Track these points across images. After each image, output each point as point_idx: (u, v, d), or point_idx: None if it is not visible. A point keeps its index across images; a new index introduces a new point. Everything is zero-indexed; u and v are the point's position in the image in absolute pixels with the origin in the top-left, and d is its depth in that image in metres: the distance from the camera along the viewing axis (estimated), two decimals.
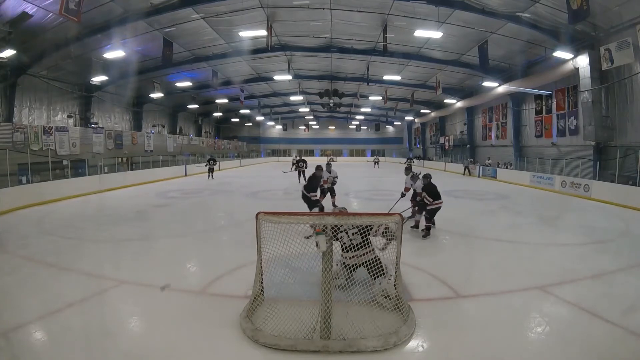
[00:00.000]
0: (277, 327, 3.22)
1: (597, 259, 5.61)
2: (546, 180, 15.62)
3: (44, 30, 12.75)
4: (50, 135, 14.73)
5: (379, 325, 3.27)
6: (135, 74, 18.13)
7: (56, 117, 18.31)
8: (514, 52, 16.76)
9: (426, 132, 38.43)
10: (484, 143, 25.56)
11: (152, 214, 9.74)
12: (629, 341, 3.21)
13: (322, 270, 3.18)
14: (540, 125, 18.69)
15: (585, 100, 13.78)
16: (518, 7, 12.40)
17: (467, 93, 24.65)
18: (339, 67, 22.56)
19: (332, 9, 14.01)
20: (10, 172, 11.32)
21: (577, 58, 13.76)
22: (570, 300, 4.05)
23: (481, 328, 3.45)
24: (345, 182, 17.62)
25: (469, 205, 11.44)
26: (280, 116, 42.38)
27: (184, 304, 3.96)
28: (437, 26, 13.23)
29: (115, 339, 3.24)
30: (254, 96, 30.18)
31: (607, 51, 11.70)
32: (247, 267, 4.87)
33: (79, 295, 4.10)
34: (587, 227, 8.19)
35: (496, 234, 7.35)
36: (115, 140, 19.37)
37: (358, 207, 10.97)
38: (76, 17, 9.65)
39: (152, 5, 12.51)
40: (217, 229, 8.29)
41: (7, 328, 3.36)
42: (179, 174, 21.72)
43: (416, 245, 6.18)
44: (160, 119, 28.90)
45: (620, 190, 11.53)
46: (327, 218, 3.30)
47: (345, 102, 32.27)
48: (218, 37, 16.55)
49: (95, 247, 6.35)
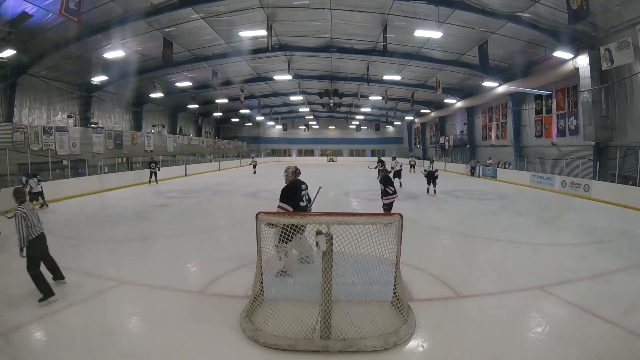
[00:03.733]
0: (277, 327, 3.22)
1: (597, 259, 5.61)
2: (546, 180, 15.63)
3: (44, 30, 12.76)
4: (50, 135, 14.74)
5: (379, 325, 3.27)
6: (135, 74, 18.16)
7: (56, 117, 18.32)
8: (514, 52, 16.76)
9: (426, 132, 38.43)
10: (484, 143, 25.56)
11: (152, 214, 9.74)
12: (629, 341, 3.21)
13: (322, 270, 3.18)
14: (540, 125, 18.69)
15: (585, 100, 13.78)
16: (518, 7, 12.40)
17: (467, 93, 24.65)
18: (339, 67, 22.56)
19: (332, 9, 14.01)
20: (10, 172, 11.33)
21: (577, 58, 13.75)
22: (570, 300, 4.05)
23: (481, 328, 3.45)
24: (346, 182, 17.66)
25: (469, 205, 11.44)
26: (280, 116, 42.38)
27: (184, 304, 3.95)
28: (437, 26, 13.23)
29: (115, 339, 3.24)
30: (254, 96, 30.19)
31: (607, 51, 11.70)
32: (247, 267, 4.88)
33: (79, 295, 4.11)
34: (587, 227, 8.20)
35: (496, 234, 7.34)
36: (115, 140, 19.37)
37: (358, 207, 10.97)
38: (76, 17, 9.65)
39: (152, 5, 12.51)
40: (217, 229, 8.29)
41: (7, 328, 3.36)
42: (179, 173, 21.75)
43: (416, 245, 6.17)
44: (160, 119, 28.91)
45: (620, 190, 11.54)
46: (326, 218, 3.30)
47: (345, 102, 32.27)
48: (218, 37, 16.56)
49: (95, 247, 6.35)
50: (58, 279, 4.39)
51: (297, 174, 4.84)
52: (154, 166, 17.22)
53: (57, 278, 4.38)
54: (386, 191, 7.40)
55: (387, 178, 7.62)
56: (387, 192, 7.39)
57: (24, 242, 3.95)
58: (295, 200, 4.58)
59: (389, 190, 7.38)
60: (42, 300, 3.86)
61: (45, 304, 3.84)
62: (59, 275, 4.40)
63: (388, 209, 7.36)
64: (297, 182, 4.79)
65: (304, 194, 4.75)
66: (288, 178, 4.79)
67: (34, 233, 4.04)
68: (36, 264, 4.03)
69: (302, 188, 4.75)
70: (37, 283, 3.92)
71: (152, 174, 17.19)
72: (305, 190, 4.82)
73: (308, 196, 4.87)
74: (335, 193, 13.57)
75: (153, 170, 17.17)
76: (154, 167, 17.20)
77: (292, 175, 4.81)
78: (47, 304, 3.85)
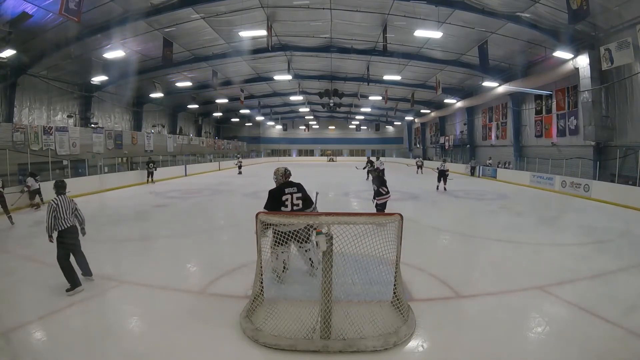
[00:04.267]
0: (277, 327, 3.22)
1: (597, 259, 5.60)
2: (546, 180, 15.63)
3: (44, 30, 12.75)
4: (50, 135, 14.73)
5: (379, 325, 3.27)
6: (135, 74, 18.15)
7: (56, 117, 18.31)
8: (514, 52, 16.75)
9: (426, 132, 38.42)
10: (484, 143, 25.56)
11: (152, 214, 9.74)
12: (629, 341, 3.21)
13: (322, 270, 3.18)
14: (540, 125, 18.69)
15: (585, 100, 13.78)
16: (518, 7, 12.40)
17: (467, 93, 24.64)
18: (339, 67, 22.55)
19: (332, 9, 14.01)
20: (10, 172, 11.33)
21: (577, 58, 13.75)
22: (570, 300, 4.05)
23: (481, 328, 3.45)
24: (346, 182, 17.65)
25: (469, 205, 11.44)
26: (280, 116, 42.37)
27: (184, 304, 3.95)
28: (437, 26, 13.23)
29: (115, 339, 3.24)
30: (254, 96, 30.18)
31: (607, 51, 11.70)
32: (247, 267, 4.87)
33: (79, 295, 4.11)
34: (587, 227, 8.20)
35: (496, 234, 7.34)
36: (115, 140, 19.37)
37: (358, 207, 10.97)
38: (76, 17, 9.65)
39: (152, 5, 12.51)
40: (217, 229, 8.29)
41: (7, 328, 3.36)
42: (179, 173, 21.75)
43: (416, 245, 6.17)
44: (160, 119, 28.90)
45: (620, 190, 11.54)
46: (326, 218, 3.30)
47: (345, 102, 32.26)
48: (218, 37, 16.55)
49: (95, 247, 6.33)
50: (86, 275, 4.55)
51: (286, 176, 4.48)
52: (151, 166, 17.50)
53: (86, 274, 4.55)
54: (379, 191, 7.42)
55: (380, 178, 7.65)
56: (380, 192, 7.42)
57: (50, 231, 4.25)
58: (274, 204, 4.21)
59: (382, 191, 7.41)
60: (69, 290, 4.10)
61: (72, 293, 4.08)
62: (87, 271, 4.56)
63: (381, 209, 7.36)
64: (282, 184, 4.40)
65: (288, 198, 4.28)
66: (278, 180, 4.48)
67: (63, 225, 4.27)
68: (65, 254, 4.25)
69: (284, 192, 4.30)
70: (64, 273, 4.17)
71: (150, 173, 17.47)
72: (293, 193, 4.33)
73: (299, 199, 4.35)
74: (335, 193, 13.58)
75: (150, 170, 17.45)
76: (151, 166, 17.49)
77: (281, 178, 4.46)
78: (74, 294, 4.08)
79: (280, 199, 4.26)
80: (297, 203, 4.32)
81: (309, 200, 4.47)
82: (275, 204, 4.23)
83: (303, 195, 4.41)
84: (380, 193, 7.41)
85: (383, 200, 7.42)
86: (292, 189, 4.37)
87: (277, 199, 4.26)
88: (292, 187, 4.39)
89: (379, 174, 7.83)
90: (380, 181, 7.54)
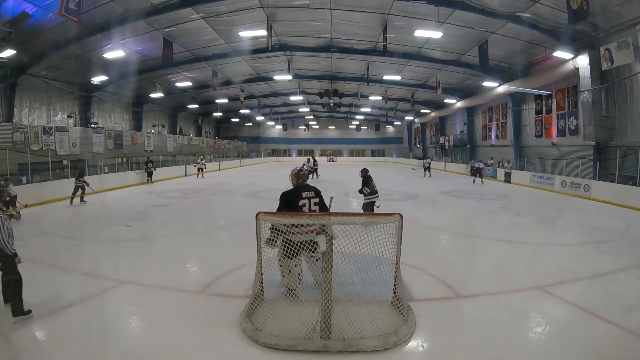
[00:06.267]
0: (277, 327, 3.22)
1: (597, 259, 5.61)
2: (546, 180, 15.63)
3: (44, 30, 12.75)
4: (50, 135, 14.73)
5: (379, 325, 3.27)
6: (135, 74, 18.14)
7: (56, 117, 18.31)
8: (514, 52, 16.76)
9: (426, 132, 38.41)
10: (484, 143, 25.56)
11: (152, 214, 9.74)
12: (629, 341, 3.21)
13: (322, 270, 3.18)
14: (541, 125, 18.68)
15: (585, 100, 13.77)
16: (518, 7, 12.39)
17: (467, 93, 24.64)
18: (339, 67, 22.54)
19: (332, 9, 14.00)
20: (10, 172, 11.32)
21: (577, 58, 13.75)
22: (570, 300, 4.05)
23: (481, 328, 3.45)
24: (345, 182, 17.63)
25: (469, 205, 11.44)
26: (280, 116, 42.36)
27: (184, 304, 3.96)
28: (437, 26, 13.23)
29: (115, 339, 3.24)
30: (254, 96, 30.17)
31: (607, 51, 11.70)
32: (247, 267, 4.87)
33: (79, 295, 4.10)
34: (587, 227, 8.19)
35: (496, 234, 7.35)
36: (115, 140, 19.37)
37: (358, 207, 10.95)
38: (76, 17, 9.64)
39: (152, 5, 12.51)
40: (217, 229, 8.29)
41: (7, 328, 3.36)
42: (178, 173, 21.74)
43: (416, 245, 6.17)
44: (160, 119, 28.90)
45: (620, 190, 11.54)
46: (326, 218, 3.30)
47: (345, 102, 32.24)
48: (218, 37, 16.55)
49: (95, 247, 6.35)
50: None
51: (300, 177, 4.05)
52: (150, 166, 17.67)
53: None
54: (362, 191, 7.54)
55: (366, 178, 7.64)
56: (363, 192, 7.54)
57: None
58: (289, 209, 3.80)
59: (365, 191, 7.50)
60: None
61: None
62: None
63: (368, 209, 7.44)
64: (299, 188, 3.95)
65: (305, 203, 3.84)
66: (292, 182, 4.09)
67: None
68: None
69: (302, 196, 3.86)
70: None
71: (149, 173, 17.64)
72: (311, 198, 3.89)
73: (316, 204, 3.93)
74: (335, 193, 13.54)
75: (149, 170, 17.60)
76: (150, 166, 17.65)
77: (294, 179, 4.06)
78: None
79: (297, 203, 3.83)
80: (314, 209, 3.89)
81: (325, 207, 4.06)
82: (290, 209, 3.79)
83: (321, 201, 4.01)
84: (363, 193, 7.56)
85: (368, 201, 7.55)
86: (309, 193, 3.93)
87: (292, 204, 3.83)
88: (310, 192, 3.95)
89: (366, 175, 7.82)
90: (364, 181, 7.61)
